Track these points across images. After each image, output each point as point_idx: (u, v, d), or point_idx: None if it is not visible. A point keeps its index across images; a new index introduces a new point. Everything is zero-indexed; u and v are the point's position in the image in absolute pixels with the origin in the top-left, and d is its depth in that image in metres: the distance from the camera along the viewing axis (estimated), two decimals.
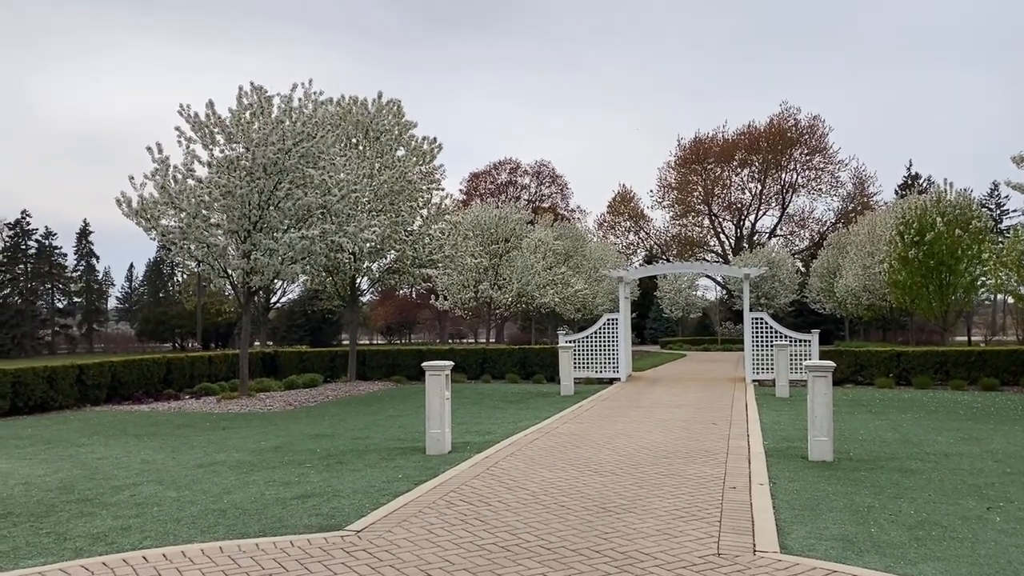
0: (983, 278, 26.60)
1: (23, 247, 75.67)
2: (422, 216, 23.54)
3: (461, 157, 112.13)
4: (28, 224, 75.95)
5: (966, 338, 60.21)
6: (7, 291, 74.13)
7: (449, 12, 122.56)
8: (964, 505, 7.13)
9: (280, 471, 9.10)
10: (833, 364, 9.66)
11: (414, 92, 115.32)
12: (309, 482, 8.41)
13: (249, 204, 17.26)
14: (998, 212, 62.46)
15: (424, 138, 22.97)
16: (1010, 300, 24.47)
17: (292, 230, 17.52)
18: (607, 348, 22.40)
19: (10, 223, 75.33)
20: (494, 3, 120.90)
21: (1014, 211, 60.73)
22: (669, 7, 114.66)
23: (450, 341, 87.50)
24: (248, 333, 19.67)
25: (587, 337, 22.60)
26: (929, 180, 59.58)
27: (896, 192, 60.84)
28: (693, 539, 5.95)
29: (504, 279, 34.81)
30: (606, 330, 22.48)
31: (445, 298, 34.80)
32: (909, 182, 62.06)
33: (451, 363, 10.36)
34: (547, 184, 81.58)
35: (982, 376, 19.68)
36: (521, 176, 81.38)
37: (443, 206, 24.07)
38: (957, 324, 54.94)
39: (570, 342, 21.81)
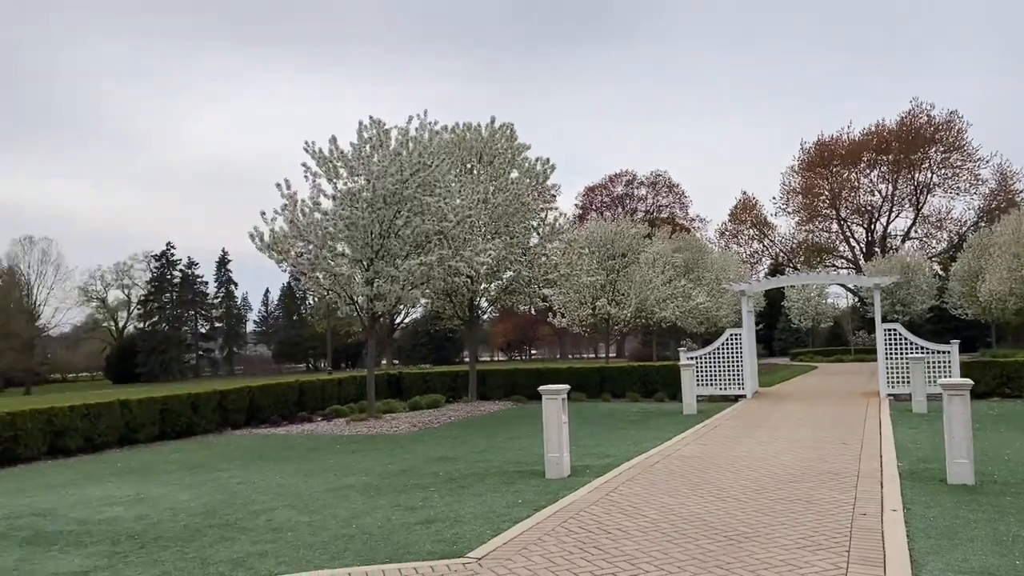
0: None
1: (168, 277, 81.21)
2: (538, 235, 23.77)
3: (576, 170, 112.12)
4: (173, 255, 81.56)
5: None
6: (155, 319, 79.75)
7: (562, 24, 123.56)
8: None
9: (405, 495, 9.38)
10: (971, 382, 9.11)
11: (524, 108, 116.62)
12: (433, 507, 8.63)
13: (371, 234, 17.94)
14: None
15: (537, 159, 23.22)
16: None
17: (411, 257, 18.07)
18: (731, 364, 21.87)
19: (156, 255, 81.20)
20: (599, 13, 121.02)
21: None
22: (785, 9, 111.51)
23: (569, 357, 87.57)
24: (374, 356, 20.38)
25: (710, 353, 22.15)
26: None
27: None
28: (819, 571, 5.75)
29: (622, 294, 34.57)
30: (730, 345, 21.96)
31: (562, 315, 34.90)
32: None
33: (567, 387, 10.42)
34: (664, 194, 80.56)
35: None
36: (637, 187, 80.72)
37: (557, 225, 24.23)
38: None
39: (691, 359, 21.44)
